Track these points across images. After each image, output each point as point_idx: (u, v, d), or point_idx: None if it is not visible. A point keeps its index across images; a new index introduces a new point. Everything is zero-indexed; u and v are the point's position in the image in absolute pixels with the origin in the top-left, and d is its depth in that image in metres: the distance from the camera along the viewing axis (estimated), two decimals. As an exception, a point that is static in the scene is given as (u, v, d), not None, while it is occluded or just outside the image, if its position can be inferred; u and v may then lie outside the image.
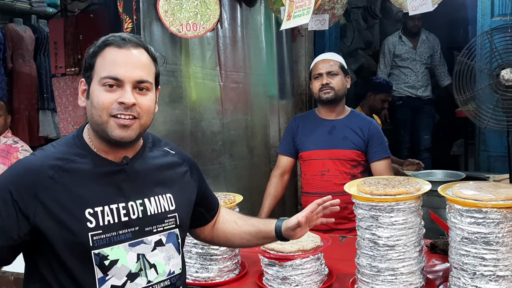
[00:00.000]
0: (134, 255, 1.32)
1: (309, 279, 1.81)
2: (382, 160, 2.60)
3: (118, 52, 1.32)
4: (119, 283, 1.30)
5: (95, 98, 1.31)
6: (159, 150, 1.51)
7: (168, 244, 1.40)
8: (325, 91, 2.58)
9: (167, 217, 1.41)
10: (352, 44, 5.86)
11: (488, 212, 1.51)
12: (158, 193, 1.41)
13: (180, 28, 2.60)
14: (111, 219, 1.30)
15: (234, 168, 3.28)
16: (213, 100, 3.07)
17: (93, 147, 1.36)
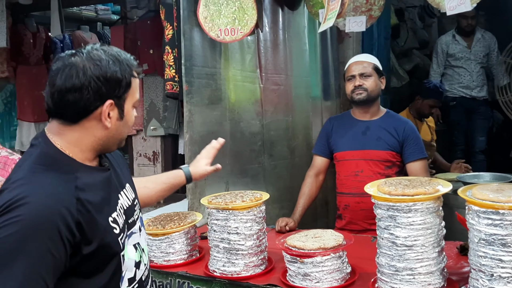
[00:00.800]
0: (131, 247, 1.41)
1: (330, 276, 1.85)
2: (418, 161, 2.57)
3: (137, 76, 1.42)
4: (132, 275, 1.39)
5: (130, 118, 1.40)
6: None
7: (142, 228, 1.54)
8: (357, 92, 2.59)
9: (134, 205, 1.51)
10: (405, 44, 5.75)
11: (505, 214, 1.48)
12: (124, 186, 1.49)
13: (219, 33, 2.71)
14: (122, 220, 1.38)
15: (274, 168, 3.35)
16: (252, 101, 3.15)
17: (77, 159, 1.32)
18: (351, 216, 2.69)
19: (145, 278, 1.47)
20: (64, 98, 1.28)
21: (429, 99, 3.98)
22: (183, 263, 2.19)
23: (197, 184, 2.77)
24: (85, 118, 1.32)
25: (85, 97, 1.28)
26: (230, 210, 2.01)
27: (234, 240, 2.01)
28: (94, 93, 1.28)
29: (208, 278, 2.06)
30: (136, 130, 5.35)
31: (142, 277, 1.44)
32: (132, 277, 1.39)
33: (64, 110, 1.31)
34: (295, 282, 1.88)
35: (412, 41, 5.78)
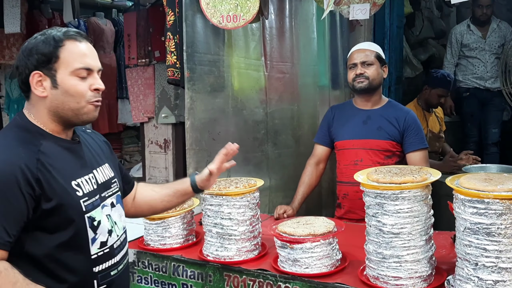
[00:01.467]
0: (105, 216, 1.57)
1: (319, 262, 1.86)
2: (418, 151, 2.55)
3: (82, 45, 1.51)
4: (105, 239, 1.55)
5: (72, 88, 1.49)
6: (81, 131, 1.70)
7: (117, 205, 1.66)
8: (358, 80, 2.57)
9: (112, 183, 1.66)
10: (421, 33, 5.65)
11: (490, 203, 1.48)
12: (100, 164, 1.64)
13: (221, 20, 2.71)
14: (90, 187, 1.53)
15: (278, 156, 3.35)
16: (256, 89, 3.15)
17: (47, 130, 1.51)
18: (350, 205, 2.69)
19: (117, 247, 1.60)
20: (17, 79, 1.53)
21: (437, 89, 3.90)
22: (178, 247, 2.23)
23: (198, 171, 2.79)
24: (30, 92, 1.50)
25: (20, 72, 1.50)
26: (223, 196, 2.04)
27: (227, 226, 2.04)
28: (24, 67, 1.48)
29: (202, 262, 2.09)
30: (147, 117, 5.41)
31: (114, 245, 1.58)
32: (104, 241, 1.54)
33: (20, 88, 1.54)
34: (285, 268, 1.90)
35: (427, 31, 5.68)
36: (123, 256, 1.64)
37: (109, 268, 1.56)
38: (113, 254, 1.58)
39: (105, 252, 1.55)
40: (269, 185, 3.30)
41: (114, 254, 1.58)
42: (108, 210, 1.59)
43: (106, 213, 1.58)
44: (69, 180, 1.48)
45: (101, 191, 1.58)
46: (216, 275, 2.04)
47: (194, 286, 2.10)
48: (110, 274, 1.56)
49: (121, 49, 6.26)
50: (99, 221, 1.53)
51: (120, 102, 6.40)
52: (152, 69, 5.32)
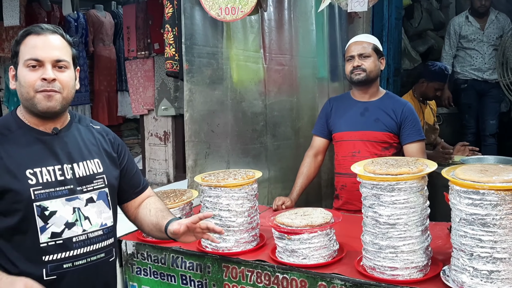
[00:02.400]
0: (70, 208, 1.58)
1: (317, 253, 1.87)
2: (415, 143, 2.57)
3: (37, 38, 1.59)
4: (58, 230, 1.56)
5: (22, 78, 1.58)
6: (84, 125, 1.77)
7: (98, 201, 1.66)
8: (356, 72, 2.59)
9: (95, 178, 1.67)
10: (419, 25, 5.64)
11: (485, 194, 1.49)
12: (86, 159, 1.67)
13: (219, 12, 2.72)
14: (49, 178, 1.57)
15: (277, 148, 3.37)
16: (255, 81, 3.16)
17: (26, 121, 1.62)
18: (348, 196, 2.71)
19: (78, 242, 1.59)
20: None
21: (434, 82, 3.90)
22: (177, 238, 2.25)
23: (197, 163, 2.82)
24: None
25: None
26: (222, 187, 2.05)
27: (225, 217, 2.05)
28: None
29: (201, 253, 2.11)
30: (147, 110, 5.42)
31: (74, 238, 1.58)
32: (58, 232, 1.55)
33: None
34: (283, 258, 1.92)
35: (426, 22, 5.68)
36: (89, 252, 1.61)
37: (62, 260, 1.56)
38: (70, 247, 1.57)
39: (57, 243, 1.55)
40: (268, 177, 3.32)
41: (71, 247, 1.57)
42: (78, 203, 1.60)
43: (73, 206, 1.59)
44: (23, 168, 1.54)
45: (74, 184, 1.60)
46: (215, 266, 2.06)
47: (193, 277, 2.12)
48: (63, 267, 1.56)
49: (120, 42, 6.25)
50: (52, 211, 1.55)
51: (119, 94, 6.40)
52: (151, 62, 5.32)
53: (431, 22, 5.78)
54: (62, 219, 1.56)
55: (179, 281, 2.15)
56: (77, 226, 1.59)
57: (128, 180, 1.84)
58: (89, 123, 1.80)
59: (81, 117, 1.81)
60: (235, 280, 2.01)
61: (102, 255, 1.66)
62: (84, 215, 1.61)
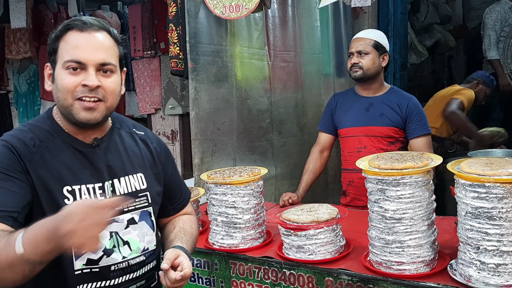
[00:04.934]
0: (107, 233, 1.37)
1: (323, 248, 1.88)
2: (421, 137, 2.56)
3: (80, 36, 1.34)
4: (95, 257, 1.36)
5: (60, 82, 1.34)
6: (127, 131, 1.54)
7: (140, 222, 1.45)
8: (353, 69, 2.60)
9: (138, 196, 1.45)
10: (426, 19, 5.61)
11: (491, 187, 1.49)
12: (128, 173, 1.45)
13: (224, 10, 2.72)
14: (87, 197, 1.35)
15: (283, 145, 3.37)
16: (260, 79, 3.16)
17: (64, 128, 1.40)
18: (355, 192, 2.70)
19: (117, 270, 1.40)
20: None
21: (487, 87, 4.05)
22: (185, 236, 2.26)
23: (203, 161, 2.83)
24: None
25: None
26: (228, 184, 2.06)
27: (231, 214, 2.06)
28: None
29: (208, 250, 2.12)
30: (154, 109, 5.44)
31: (112, 266, 1.39)
32: (95, 260, 1.36)
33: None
34: (290, 255, 1.92)
35: (432, 16, 5.64)
36: (129, 280, 1.43)
37: None
38: (108, 276, 1.38)
39: (93, 271, 1.36)
40: (275, 174, 3.32)
41: (108, 276, 1.38)
42: (117, 226, 1.39)
43: (110, 230, 1.38)
44: (61, 185, 1.34)
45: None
46: (222, 263, 2.07)
47: (201, 274, 2.13)
48: None
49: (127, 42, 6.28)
50: None
51: (127, 94, 6.41)
52: (158, 61, 5.35)
53: (437, 16, 5.75)
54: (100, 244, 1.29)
55: (187, 278, 2.16)
56: (116, 253, 1.38)
57: (169, 195, 1.62)
58: (131, 127, 1.56)
59: (122, 120, 1.57)
60: (242, 277, 2.02)
61: (142, 282, 1.47)
62: (123, 240, 1.40)
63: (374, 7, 4.32)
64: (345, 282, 1.78)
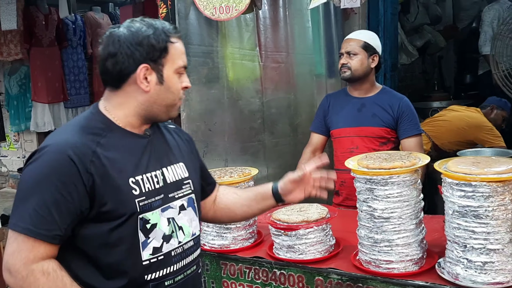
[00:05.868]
0: (165, 219, 1.43)
1: (313, 248, 1.89)
2: (412, 138, 2.58)
3: (181, 43, 1.46)
4: (158, 245, 1.41)
5: (173, 85, 1.44)
6: (162, 125, 1.60)
7: (188, 208, 1.52)
8: (342, 70, 2.63)
9: (184, 184, 1.53)
10: (416, 20, 5.65)
11: (477, 186, 1.51)
12: (173, 162, 1.53)
13: (214, 11, 2.73)
14: (150, 186, 1.41)
15: (275, 145, 3.38)
16: (252, 79, 3.17)
17: (118, 123, 1.43)
18: (348, 192, 2.71)
19: (176, 255, 1.46)
20: (105, 66, 1.41)
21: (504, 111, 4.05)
22: (176, 237, 2.26)
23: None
24: (125, 83, 1.42)
25: (120, 62, 1.38)
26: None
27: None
28: (128, 57, 1.38)
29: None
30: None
31: (172, 252, 1.45)
32: (158, 247, 1.41)
33: (107, 77, 1.43)
34: (280, 254, 1.93)
35: (423, 17, 5.68)
36: (185, 265, 1.49)
37: (164, 277, 1.43)
38: (170, 262, 1.44)
39: (159, 259, 1.41)
40: (267, 174, 3.33)
41: (171, 262, 1.45)
42: (172, 212, 1.46)
43: (168, 216, 1.44)
44: (126, 177, 1.38)
45: (168, 191, 1.46)
46: (213, 263, 2.08)
47: (192, 274, 2.13)
48: (164, 284, 1.43)
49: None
50: (153, 224, 1.40)
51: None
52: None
53: (427, 17, 5.79)
54: (160, 232, 1.42)
55: (178, 279, 2.17)
56: (174, 239, 1.45)
57: (204, 177, 1.72)
58: (164, 122, 1.61)
59: None
60: (233, 277, 2.03)
61: (194, 267, 1.54)
62: (178, 225, 1.47)
63: (364, 8, 4.33)
64: (335, 281, 1.79)
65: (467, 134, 3.83)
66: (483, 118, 3.90)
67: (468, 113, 3.98)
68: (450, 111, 4.10)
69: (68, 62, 5.81)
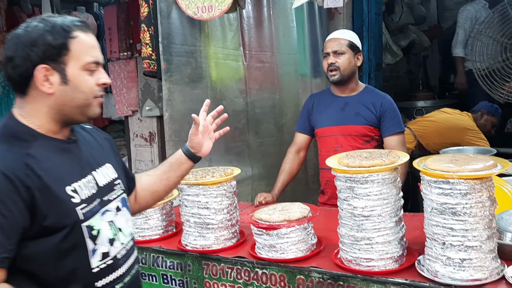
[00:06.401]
0: (106, 223, 1.40)
1: (295, 247, 1.89)
2: (395, 136, 2.60)
3: (87, 36, 1.35)
4: (106, 250, 1.38)
5: (82, 83, 1.34)
6: (79, 127, 1.52)
7: (123, 209, 1.49)
8: (330, 74, 2.62)
9: (115, 185, 1.49)
10: (400, 19, 5.69)
11: (455, 183, 1.51)
12: (101, 164, 1.47)
13: (196, 11, 2.72)
14: (87, 192, 1.36)
15: (260, 145, 3.38)
16: (236, 79, 3.17)
17: (40, 130, 1.35)
18: (333, 190, 2.69)
19: (122, 257, 1.44)
20: (6, 71, 1.33)
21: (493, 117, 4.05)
22: (158, 239, 2.25)
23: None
24: (29, 87, 1.33)
25: (19, 66, 1.29)
26: (200, 185, 2.05)
27: (204, 215, 2.06)
28: (24, 60, 1.29)
29: (181, 252, 2.11)
30: (131, 111, 5.39)
31: (118, 255, 1.42)
32: (106, 252, 1.38)
33: (10, 83, 1.36)
34: (262, 254, 1.93)
35: (407, 17, 5.72)
36: (130, 266, 1.48)
37: (114, 282, 1.40)
38: (117, 265, 1.42)
39: (108, 264, 1.39)
40: (252, 174, 3.33)
41: (118, 265, 1.42)
42: (111, 215, 1.42)
43: (108, 220, 1.40)
44: (63, 185, 1.31)
45: (102, 194, 1.41)
46: (195, 264, 2.07)
47: (174, 276, 2.12)
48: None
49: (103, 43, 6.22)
50: (98, 229, 1.36)
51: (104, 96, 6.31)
52: (134, 62, 5.29)
53: (412, 17, 5.83)
54: (105, 236, 1.38)
55: (160, 280, 2.16)
56: (117, 241, 1.42)
57: (126, 174, 1.67)
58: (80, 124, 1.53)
59: None
60: (215, 278, 2.02)
61: (136, 266, 1.54)
62: (118, 227, 1.44)
63: (349, 8, 4.36)
64: (316, 280, 1.79)
65: (453, 135, 3.86)
66: (471, 122, 3.94)
67: (457, 116, 4.03)
68: (441, 113, 4.14)
69: (52, 63, 5.74)
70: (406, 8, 5.74)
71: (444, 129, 3.93)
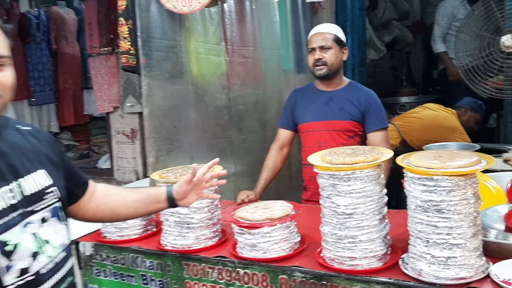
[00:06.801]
0: (29, 235, 1.27)
1: (277, 246, 1.84)
2: (378, 131, 2.57)
3: None
4: (25, 265, 1.25)
5: None
6: (13, 128, 1.41)
7: (52, 219, 1.36)
8: (317, 68, 2.57)
9: (45, 193, 1.35)
10: (384, 15, 5.67)
11: (439, 180, 1.48)
12: (31, 170, 1.34)
13: (176, 4, 2.65)
14: (4, 203, 1.23)
15: (243, 142, 3.33)
16: (218, 75, 3.11)
17: None
18: (316, 186, 2.62)
19: (48, 272, 1.31)
20: None
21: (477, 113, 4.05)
22: (137, 238, 2.19)
23: (159, 159, 2.76)
24: None
25: None
26: (180, 183, 2.00)
27: (184, 214, 2.00)
28: None
29: (160, 252, 2.05)
30: (113, 107, 5.30)
31: (43, 269, 1.29)
32: (25, 268, 1.25)
33: None
34: (243, 253, 1.88)
35: (391, 12, 5.71)
36: (59, 280, 1.35)
37: None
38: (41, 281, 1.28)
39: (28, 280, 1.25)
40: (235, 171, 3.28)
41: (42, 280, 1.28)
42: (34, 227, 1.29)
43: (31, 232, 1.27)
44: None
45: (26, 204, 1.28)
46: (175, 264, 2.01)
47: (154, 276, 2.06)
48: None
49: (84, 39, 6.10)
50: (16, 244, 1.22)
51: (85, 92, 6.27)
52: (115, 58, 5.19)
53: (395, 12, 5.82)
54: (26, 250, 1.25)
55: (139, 281, 2.10)
56: (43, 254, 1.29)
57: (72, 179, 1.54)
58: (15, 124, 1.42)
59: (5, 118, 1.41)
60: (196, 278, 1.97)
61: (70, 279, 1.41)
62: (44, 239, 1.31)
63: (332, 3, 4.32)
64: (299, 280, 1.75)
65: (438, 134, 3.85)
66: (457, 122, 3.93)
67: (443, 114, 4.01)
68: (425, 109, 4.12)
69: (31, 58, 5.65)
70: (390, 3, 5.73)
71: (430, 127, 3.93)
